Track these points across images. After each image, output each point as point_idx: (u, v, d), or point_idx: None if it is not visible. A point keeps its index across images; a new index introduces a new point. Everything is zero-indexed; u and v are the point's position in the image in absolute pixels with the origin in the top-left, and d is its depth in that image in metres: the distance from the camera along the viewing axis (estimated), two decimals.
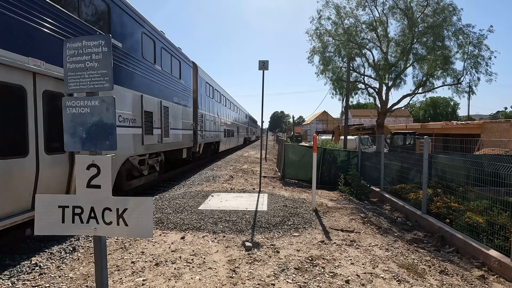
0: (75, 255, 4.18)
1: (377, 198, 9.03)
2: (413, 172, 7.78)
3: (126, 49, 7.10)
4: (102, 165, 2.25)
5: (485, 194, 5.28)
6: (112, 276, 3.53)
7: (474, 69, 16.95)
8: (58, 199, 2.31)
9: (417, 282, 3.66)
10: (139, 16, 7.85)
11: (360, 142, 17.22)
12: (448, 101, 63.60)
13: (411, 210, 6.92)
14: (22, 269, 3.70)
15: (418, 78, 19.04)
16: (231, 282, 3.46)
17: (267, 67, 8.67)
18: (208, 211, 6.31)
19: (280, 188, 9.47)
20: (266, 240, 4.82)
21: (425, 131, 30.18)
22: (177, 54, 10.78)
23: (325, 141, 24.73)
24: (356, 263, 4.07)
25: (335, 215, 6.45)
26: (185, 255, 4.16)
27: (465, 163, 5.85)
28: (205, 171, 12.92)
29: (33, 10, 4.45)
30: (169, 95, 9.83)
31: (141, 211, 2.23)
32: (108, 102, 2.27)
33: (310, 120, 78.05)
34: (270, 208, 6.67)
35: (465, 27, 16.77)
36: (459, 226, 5.37)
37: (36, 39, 4.52)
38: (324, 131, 56.80)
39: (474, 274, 4.22)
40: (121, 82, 6.79)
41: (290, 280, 3.53)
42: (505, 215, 4.81)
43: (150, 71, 8.39)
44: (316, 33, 19.21)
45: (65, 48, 2.32)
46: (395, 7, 17.57)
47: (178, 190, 8.82)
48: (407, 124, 43.63)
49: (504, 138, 21.19)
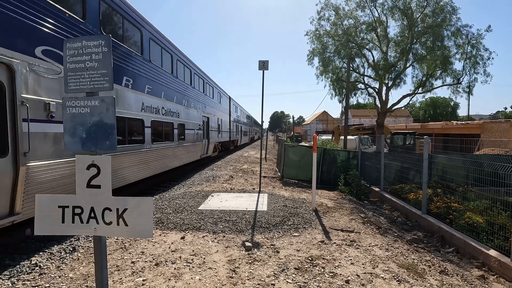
0: (75, 255, 4.18)
1: (377, 198, 9.03)
2: (413, 172, 7.78)
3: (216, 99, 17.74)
4: (102, 165, 2.25)
5: (485, 194, 5.28)
6: (112, 276, 3.54)
7: (473, 69, 16.98)
8: (58, 199, 2.31)
9: (417, 282, 3.66)
10: (218, 87, 17.82)
11: (360, 142, 17.21)
12: (448, 101, 63.58)
13: (411, 210, 6.92)
14: (22, 269, 3.71)
15: (418, 78, 19.07)
16: (231, 282, 3.46)
17: (267, 67, 8.67)
18: (208, 211, 6.31)
19: (280, 188, 9.47)
20: (266, 240, 4.82)
21: (425, 131, 30.17)
22: (224, 92, 21.28)
23: (325, 141, 24.73)
24: (356, 263, 4.07)
25: (335, 215, 6.45)
26: (185, 255, 4.16)
27: (465, 163, 5.85)
28: (205, 171, 12.92)
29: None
30: (224, 114, 20.91)
31: (141, 211, 2.23)
32: (108, 102, 2.27)
33: (310, 120, 78.06)
34: (270, 208, 6.67)
35: (463, 27, 16.79)
36: (459, 226, 5.37)
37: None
38: (324, 131, 56.83)
39: (474, 274, 4.22)
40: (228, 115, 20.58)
41: (290, 280, 3.53)
42: (505, 215, 4.81)
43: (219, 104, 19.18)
44: (315, 34, 19.23)
45: (65, 48, 2.32)
46: (395, 7, 17.58)
47: (178, 190, 8.82)
48: (407, 124, 43.61)
49: (504, 138, 21.19)
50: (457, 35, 16.74)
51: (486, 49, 16.59)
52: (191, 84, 12.55)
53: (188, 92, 12.12)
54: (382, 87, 19.15)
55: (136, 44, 7.96)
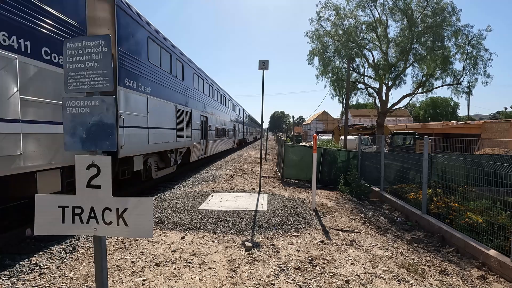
0: (75, 255, 4.18)
1: (377, 198, 9.03)
2: (413, 172, 7.78)
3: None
4: (102, 165, 2.25)
5: (485, 194, 5.28)
6: (112, 276, 3.53)
7: (473, 69, 16.99)
8: (58, 199, 2.31)
9: (417, 282, 3.66)
10: (238, 104, 29.89)
11: (360, 142, 17.22)
12: (448, 101, 63.58)
13: (411, 210, 6.93)
14: (22, 269, 3.70)
15: (418, 78, 19.09)
16: (231, 282, 3.46)
17: (267, 67, 8.66)
18: (208, 211, 6.31)
19: (280, 188, 9.47)
20: (266, 240, 4.82)
21: (425, 131, 30.20)
22: (240, 106, 31.88)
23: (325, 141, 24.74)
24: (356, 263, 4.07)
25: (335, 215, 6.45)
26: (185, 255, 4.16)
27: (465, 163, 5.85)
28: (205, 171, 12.92)
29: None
30: (240, 122, 31.32)
31: (141, 211, 2.23)
32: (108, 102, 2.27)
33: (310, 120, 78.06)
34: (270, 208, 6.67)
35: (464, 27, 16.80)
36: (459, 226, 5.37)
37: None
38: (324, 131, 56.83)
39: (474, 274, 4.22)
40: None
41: (290, 280, 3.53)
42: (505, 215, 4.82)
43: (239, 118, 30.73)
44: (315, 34, 19.23)
45: (65, 48, 2.32)
46: (395, 7, 17.59)
47: (178, 190, 8.82)
48: (407, 124, 43.63)
49: (504, 138, 21.20)
50: (457, 35, 16.74)
51: (486, 50, 16.61)
52: (226, 106, 22.74)
53: (229, 112, 23.31)
54: (382, 87, 19.16)
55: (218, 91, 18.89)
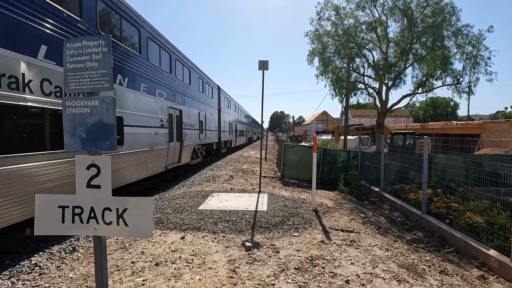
0: (75, 255, 4.18)
1: (377, 198, 9.03)
2: (413, 172, 7.78)
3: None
4: (102, 165, 2.25)
5: (485, 194, 5.28)
6: (112, 276, 3.54)
7: (473, 69, 16.96)
8: (58, 199, 2.31)
9: (417, 282, 3.66)
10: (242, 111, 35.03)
11: (360, 142, 17.21)
12: (448, 101, 63.56)
13: (411, 210, 6.92)
14: (22, 269, 3.71)
15: (417, 78, 19.07)
16: (231, 282, 3.46)
17: (267, 67, 8.66)
18: (208, 211, 6.31)
19: (280, 188, 9.47)
20: (266, 240, 4.82)
21: (425, 131, 30.19)
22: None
23: (325, 141, 24.73)
24: (356, 263, 4.07)
25: (335, 215, 6.45)
26: (185, 255, 4.16)
27: (464, 163, 5.85)
28: (205, 171, 12.92)
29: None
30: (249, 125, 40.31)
31: (141, 211, 2.23)
32: (108, 102, 2.27)
33: (310, 120, 78.03)
34: (270, 208, 6.67)
35: (464, 27, 16.78)
36: (459, 226, 5.37)
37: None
38: (324, 131, 56.85)
39: (474, 274, 4.22)
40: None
41: (290, 280, 3.53)
42: (504, 215, 4.81)
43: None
44: (315, 34, 19.22)
45: (65, 48, 2.32)
46: (395, 7, 17.58)
47: (178, 190, 8.82)
48: (407, 124, 43.64)
49: (504, 138, 21.20)
50: (457, 35, 16.73)
51: (486, 48, 16.58)
52: (241, 115, 29.75)
53: (242, 120, 27.49)
54: (382, 87, 19.15)
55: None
